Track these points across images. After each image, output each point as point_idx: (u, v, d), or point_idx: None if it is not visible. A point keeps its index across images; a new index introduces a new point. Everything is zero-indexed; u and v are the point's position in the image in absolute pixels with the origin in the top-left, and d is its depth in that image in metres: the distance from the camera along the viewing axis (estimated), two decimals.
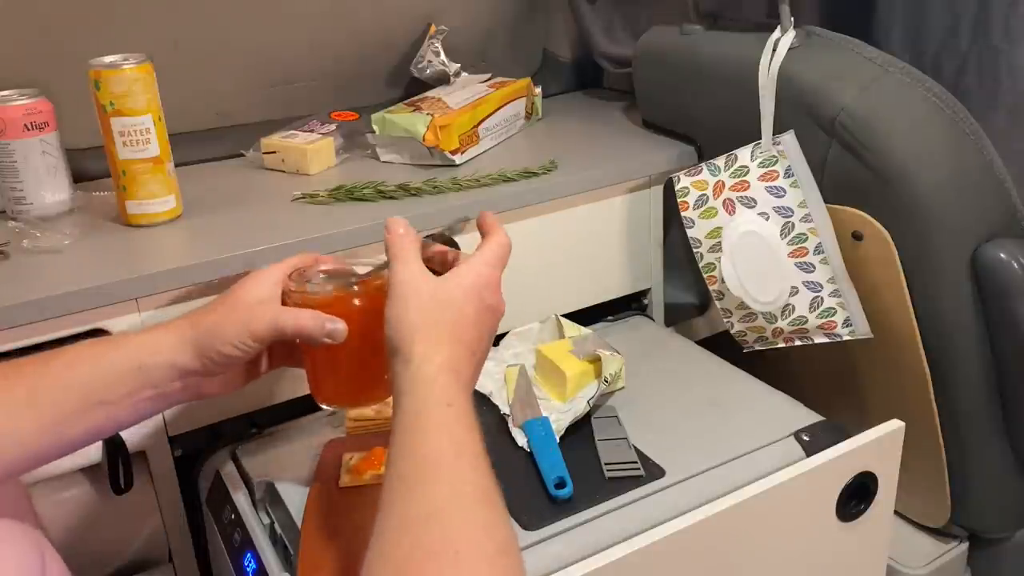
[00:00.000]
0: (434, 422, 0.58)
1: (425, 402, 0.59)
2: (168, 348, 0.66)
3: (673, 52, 1.08)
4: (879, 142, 0.87)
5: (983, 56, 1.04)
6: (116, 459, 0.84)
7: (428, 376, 0.60)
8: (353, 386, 0.74)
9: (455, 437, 0.57)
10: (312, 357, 0.72)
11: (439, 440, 0.57)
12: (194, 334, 0.66)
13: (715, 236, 0.98)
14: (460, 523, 0.53)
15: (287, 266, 0.72)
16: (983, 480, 0.97)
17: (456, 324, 0.63)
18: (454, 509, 0.54)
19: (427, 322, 0.62)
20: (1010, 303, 0.88)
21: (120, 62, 0.87)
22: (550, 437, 0.83)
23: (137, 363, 0.65)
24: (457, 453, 0.57)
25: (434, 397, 0.59)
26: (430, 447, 0.56)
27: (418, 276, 0.65)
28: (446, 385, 0.60)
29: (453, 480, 0.55)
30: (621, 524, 0.74)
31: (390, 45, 1.20)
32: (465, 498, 0.55)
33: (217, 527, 0.85)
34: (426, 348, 0.61)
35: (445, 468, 0.55)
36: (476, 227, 0.71)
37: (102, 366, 0.64)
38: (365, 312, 0.68)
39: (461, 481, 0.55)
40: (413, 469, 0.56)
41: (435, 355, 0.61)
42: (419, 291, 0.64)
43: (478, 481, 0.56)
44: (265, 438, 0.91)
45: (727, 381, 0.95)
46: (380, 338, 0.64)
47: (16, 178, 0.91)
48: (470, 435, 0.58)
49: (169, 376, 0.66)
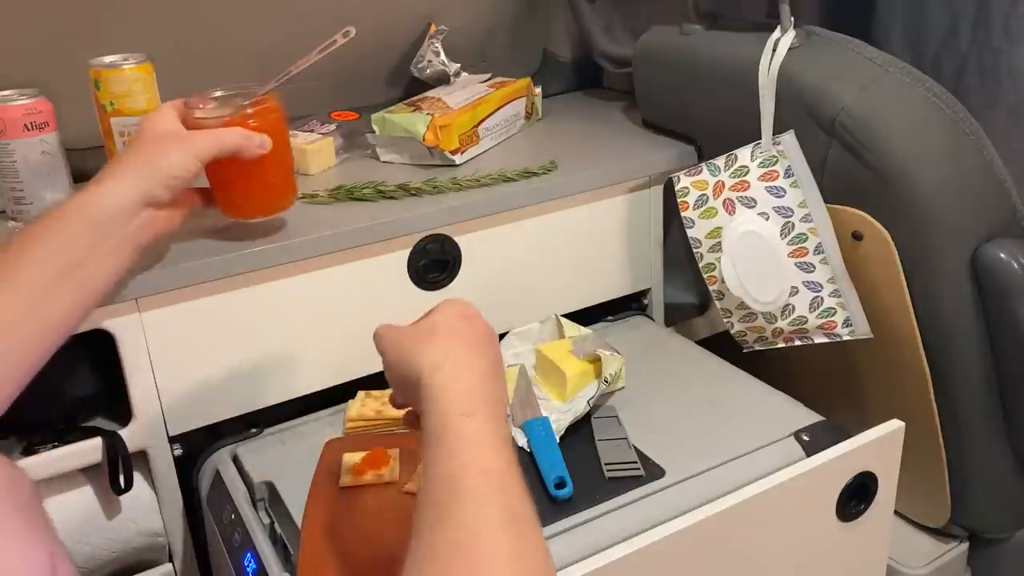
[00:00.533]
0: (455, 436, 0.55)
1: (442, 415, 0.56)
2: (114, 190, 0.71)
3: (673, 52, 1.08)
4: (879, 142, 0.87)
5: (983, 56, 1.04)
6: (116, 459, 0.84)
7: (439, 385, 0.58)
8: (263, 195, 0.86)
9: (478, 452, 0.55)
10: (225, 177, 0.83)
11: (461, 457, 0.54)
12: (137, 174, 0.72)
13: (715, 236, 0.98)
14: (489, 551, 0.50)
15: (172, 106, 0.80)
16: (983, 480, 0.97)
17: (451, 335, 0.62)
18: (482, 536, 0.51)
19: (422, 342, 0.61)
20: (1010, 303, 0.88)
21: (120, 62, 0.87)
22: (550, 437, 0.83)
23: (90, 217, 0.69)
24: (483, 470, 0.54)
25: (451, 408, 0.57)
26: (453, 465, 0.54)
27: (396, 329, 0.66)
28: (461, 393, 0.58)
29: (479, 503, 0.52)
30: (621, 524, 0.74)
31: (390, 45, 1.20)
32: (493, 522, 0.51)
33: (217, 527, 0.85)
34: (432, 359, 0.59)
35: (470, 490, 0.52)
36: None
37: (61, 232, 0.68)
38: (263, 127, 0.81)
39: (488, 504, 0.52)
40: (439, 491, 0.53)
41: (444, 363, 0.59)
42: (402, 330, 0.65)
43: (506, 501, 0.53)
44: (265, 438, 0.91)
45: (727, 381, 0.95)
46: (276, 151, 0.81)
47: (16, 178, 0.91)
48: (493, 448, 0.55)
49: (123, 219, 0.71)
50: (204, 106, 0.82)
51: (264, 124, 0.82)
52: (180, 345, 0.86)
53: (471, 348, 0.62)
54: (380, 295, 0.95)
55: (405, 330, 0.64)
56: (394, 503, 0.76)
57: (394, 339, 0.64)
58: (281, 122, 0.85)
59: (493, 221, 0.99)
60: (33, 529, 0.62)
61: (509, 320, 1.02)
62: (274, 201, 0.88)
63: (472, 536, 0.51)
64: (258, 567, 0.76)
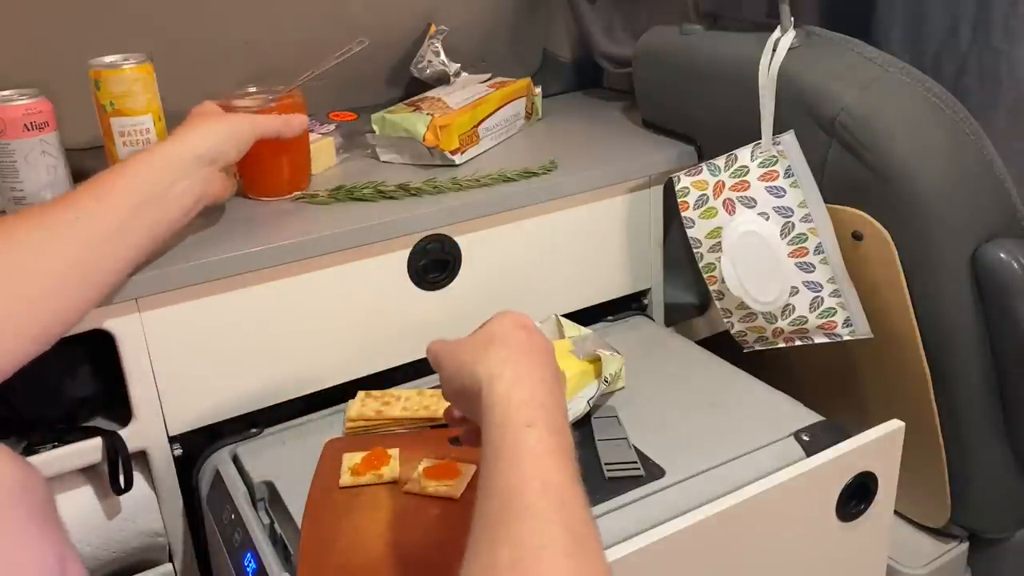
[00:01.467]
0: (515, 447, 0.53)
1: (502, 426, 0.54)
2: (189, 144, 0.82)
3: (673, 52, 1.08)
4: (879, 142, 0.87)
5: (983, 56, 1.04)
6: (116, 459, 0.84)
7: (501, 395, 0.56)
8: (284, 177, 0.98)
9: (539, 466, 0.52)
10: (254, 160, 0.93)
11: (522, 470, 0.52)
12: (209, 131, 0.84)
13: (715, 236, 0.98)
14: (549, 573, 0.48)
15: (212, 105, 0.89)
16: (983, 480, 0.97)
17: (509, 345, 0.60)
18: (543, 557, 0.48)
19: (479, 352, 0.60)
20: (1010, 303, 0.88)
21: (120, 62, 0.87)
22: None
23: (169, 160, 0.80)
24: (544, 484, 0.51)
25: (511, 418, 0.54)
26: (513, 478, 0.52)
27: (452, 343, 0.64)
28: (522, 403, 0.55)
29: (540, 520, 0.49)
30: (621, 524, 0.74)
31: (390, 45, 1.20)
32: (554, 542, 0.49)
33: (217, 527, 0.85)
34: (492, 368, 0.58)
35: (529, 508, 0.50)
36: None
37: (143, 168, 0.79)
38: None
39: (549, 521, 0.50)
40: (498, 506, 0.51)
41: (504, 372, 0.57)
42: (458, 342, 0.63)
43: (568, 520, 0.50)
44: (265, 438, 0.91)
45: (727, 381, 0.95)
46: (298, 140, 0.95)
47: (16, 178, 0.90)
48: (555, 460, 0.53)
49: (195, 166, 0.81)
50: (237, 102, 0.94)
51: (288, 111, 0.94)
52: (180, 345, 0.86)
53: (530, 358, 0.60)
54: (380, 295, 0.95)
55: (461, 342, 0.63)
56: (394, 503, 0.76)
57: (450, 352, 0.63)
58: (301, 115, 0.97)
59: (493, 221, 0.99)
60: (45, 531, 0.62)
61: None
62: (292, 183, 0.99)
63: (532, 556, 0.48)
64: (258, 567, 0.76)
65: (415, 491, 0.77)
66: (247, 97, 0.96)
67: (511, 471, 0.52)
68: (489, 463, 0.53)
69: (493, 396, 0.56)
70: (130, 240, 0.77)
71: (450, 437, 0.84)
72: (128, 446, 0.85)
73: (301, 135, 0.96)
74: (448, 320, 0.99)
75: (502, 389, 0.56)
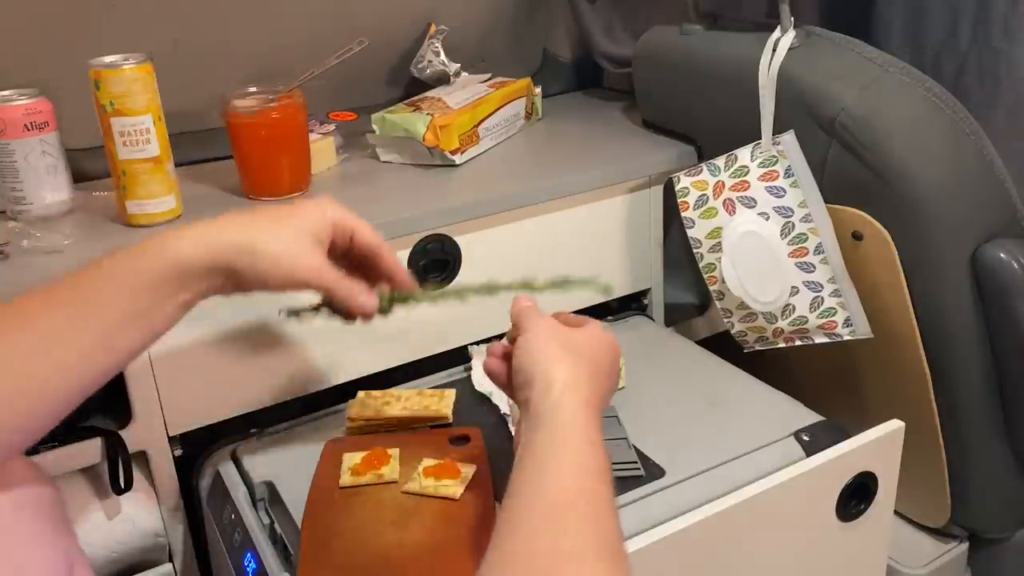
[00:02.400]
0: (572, 460, 0.55)
1: (565, 437, 0.56)
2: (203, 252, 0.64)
3: (673, 52, 1.08)
4: (879, 142, 0.87)
5: (983, 56, 1.04)
6: (116, 459, 0.84)
7: (572, 407, 0.58)
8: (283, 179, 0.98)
9: (589, 481, 0.55)
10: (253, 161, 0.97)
11: (574, 480, 0.54)
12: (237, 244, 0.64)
13: (715, 236, 0.98)
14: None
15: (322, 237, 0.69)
16: (983, 480, 0.97)
17: (593, 366, 0.62)
18: (580, 565, 0.51)
19: (568, 355, 0.62)
20: (1010, 303, 0.88)
21: (120, 62, 0.87)
22: None
23: (176, 270, 0.64)
24: (589, 498, 0.54)
25: (576, 434, 0.57)
26: (563, 485, 0.54)
27: (554, 323, 0.66)
28: (588, 424, 0.58)
29: (582, 532, 0.52)
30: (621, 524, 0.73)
31: (390, 45, 1.20)
32: (591, 550, 0.52)
33: (217, 527, 0.85)
34: (568, 377, 0.60)
35: (574, 518, 0.53)
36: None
37: (143, 275, 0.63)
38: (285, 119, 0.96)
39: (591, 533, 0.52)
40: (543, 507, 0.53)
41: (579, 387, 0.59)
42: (557, 330, 0.65)
43: (606, 533, 0.53)
44: (265, 438, 0.91)
45: (727, 381, 0.95)
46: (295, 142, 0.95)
47: (16, 178, 0.91)
48: (603, 482, 0.56)
49: (203, 281, 0.65)
50: (239, 100, 0.95)
51: (286, 116, 0.96)
52: (180, 345, 0.86)
53: (604, 386, 0.64)
54: None
55: (560, 332, 0.65)
56: (394, 503, 0.76)
57: (546, 332, 0.64)
58: (301, 116, 0.98)
59: (493, 221, 0.99)
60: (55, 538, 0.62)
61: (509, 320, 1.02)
62: (292, 183, 0.99)
63: (571, 563, 0.51)
64: (258, 567, 0.76)
65: (415, 491, 0.77)
66: (247, 97, 0.96)
67: (561, 479, 0.54)
68: (540, 464, 0.55)
69: (562, 406, 0.58)
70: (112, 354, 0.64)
71: (451, 437, 0.84)
72: (128, 446, 0.85)
73: (292, 141, 0.97)
74: (448, 320, 0.99)
75: (573, 404, 0.59)
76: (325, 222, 0.68)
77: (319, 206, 0.69)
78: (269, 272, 0.65)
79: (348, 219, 0.70)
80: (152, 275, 0.63)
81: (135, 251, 0.64)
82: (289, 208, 0.68)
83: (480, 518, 0.73)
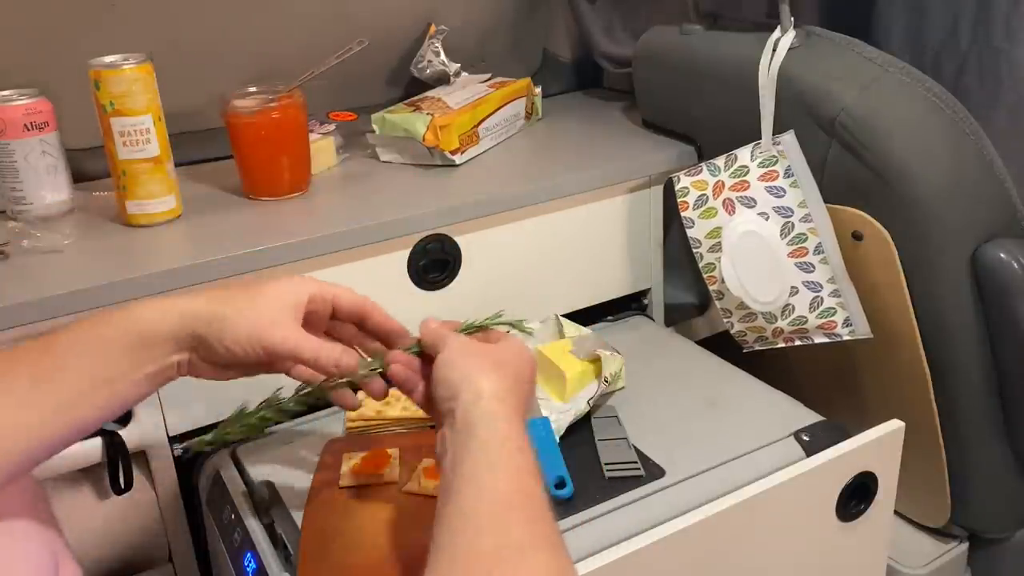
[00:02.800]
0: (509, 464, 0.57)
1: (502, 441, 0.58)
2: (171, 323, 0.63)
3: (673, 52, 1.08)
4: (879, 142, 0.87)
5: (983, 56, 1.04)
6: (116, 459, 0.84)
7: (503, 415, 0.60)
8: (282, 179, 0.98)
9: (529, 482, 0.57)
10: (253, 162, 0.97)
11: (510, 483, 0.56)
12: (208, 312, 0.63)
13: (715, 236, 0.98)
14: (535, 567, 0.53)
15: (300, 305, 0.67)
16: (983, 480, 0.97)
17: (516, 376, 0.64)
18: (527, 553, 0.53)
19: (492, 367, 0.63)
20: (1010, 303, 0.88)
21: (120, 62, 0.87)
22: (550, 437, 0.83)
23: (138, 338, 0.62)
24: (530, 496, 0.56)
25: (510, 439, 0.58)
26: (509, 486, 0.56)
27: (471, 340, 0.67)
28: (519, 433, 0.60)
29: (526, 528, 0.55)
30: (621, 524, 0.74)
31: (390, 45, 1.20)
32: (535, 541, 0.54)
33: (217, 527, 0.85)
34: (495, 387, 0.61)
35: (517, 516, 0.55)
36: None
37: (104, 345, 0.63)
38: (285, 119, 0.96)
39: (530, 523, 0.55)
40: (486, 507, 0.55)
41: (506, 397, 0.61)
42: (476, 346, 0.65)
43: (545, 530, 0.55)
44: (265, 438, 0.90)
45: (727, 381, 0.95)
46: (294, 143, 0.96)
47: (16, 178, 0.91)
48: (536, 480, 0.58)
49: (169, 350, 0.63)
50: (239, 100, 0.95)
51: (286, 116, 0.96)
52: None
53: (527, 389, 0.65)
54: (380, 295, 0.94)
55: (478, 346, 0.66)
56: (394, 503, 0.76)
57: (466, 347, 0.65)
58: (301, 116, 0.98)
59: (493, 221, 0.99)
60: (37, 529, 0.62)
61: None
62: (292, 183, 0.99)
63: (515, 550, 0.53)
64: (258, 567, 0.76)
65: (415, 491, 0.77)
66: (247, 97, 0.96)
67: (498, 481, 0.56)
68: (480, 465, 0.57)
69: (494, 415, 0.60)
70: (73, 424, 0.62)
71: None
72: (128, 446, 0.85)
73: (292, 142, 0.97)
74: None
75: (504, 412, 0.60)
76: (301, 294, 0.66)
77: (296, 279, 0.68)
78: (238, 338, 0.62)
79: (327, 289, 0.69)
80: (117, 343, 0.62)
81: (103, 318, 0.64)
82: (264, 281, 0.67)
83: None
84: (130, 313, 0.63)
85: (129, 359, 0.63)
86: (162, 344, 0.63)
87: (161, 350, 0.63)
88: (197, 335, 0.63)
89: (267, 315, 0.64)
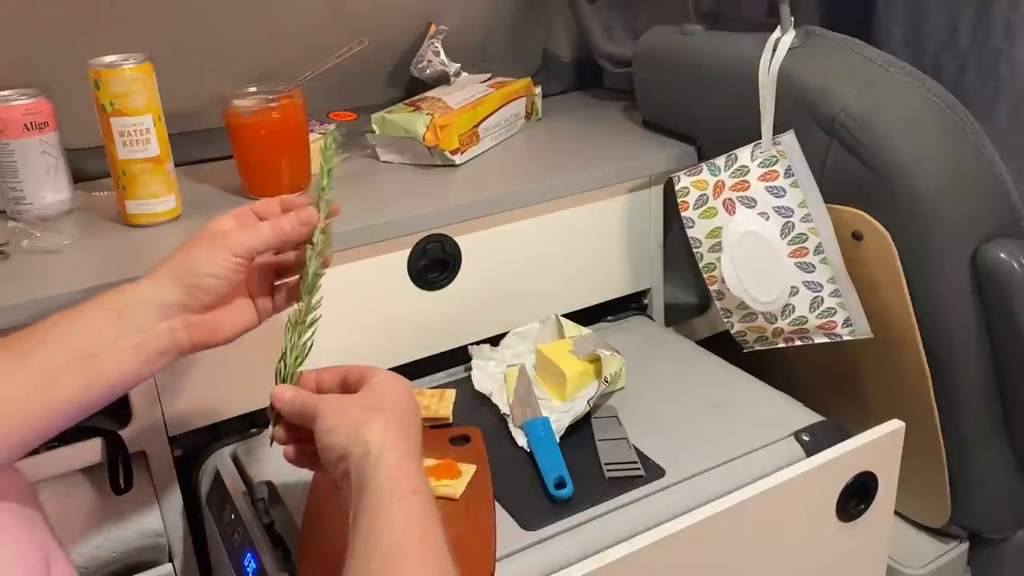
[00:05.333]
0: (400, 510, 0.58)
1: (391, 490, 0.58)
2: (146, 287, 0.67)
3: (673, 52, 1.08)
4: (879, 142, 0.87)
5: (983, 56, 1.04)
6: (116, 459, 0.84)
7: (392, 463, 0.60)
8: (282, 178, 0.98)
9: (419, 527, 0.58)
10: (252, 161, 0.97)
11: (405, 529, 0.57)
12: (170, 267, 0.68)
13: (715, 236, 0.98)
14: None
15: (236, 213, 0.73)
16: (983, 480, 0.97)
17: (398, 414, 0.63)
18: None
19: (372, 414, 0.62)
20: (1010, 303, 0.88)
21: (120, 62, 0.87)
22: (550, 437, 0.83)
23: (116, 308, 0.65)
24: (421, 542, 0.57)
25: (400, 485, 0.59)
26: (396, 536, 0.57)
27: (339, 396, 0.66)
28: (410, 474, 0.60)
29: (420, 570, 0.56)
30: (621, 524, 0.74)
31: (390, 45, 1.20)
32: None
33: (217, 527, 0.85)
34: (381, 435, 0.61)
35: (412, 558, 0.56)
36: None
37: (84, 318, 0.65)
38: (285, 119, 0.96)
39: (428, 570, 0.56)
40: (380, 559, 0.56)
41: (395, 442, 0.61)
42: (347, 401, 0.65)
43: (443, 570, 0.57)
44: (265, 438, 0.90)
45: (727, 381, 0.95)
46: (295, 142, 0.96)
47: (16, 178, 0.91)
48: (433, 525, 0.59)
49: (152, 316, 0.66)
50: (239, 100, 0.94)
51: (286, 116, 0.96)
52: None
53: (413, 429, 0.64)
54: (380, 295, 0.95)
55: (350, 400, 0.65)
56: None
57: (339, 405, 0.64)
58: (301, 116, 0.98)
59: (493, 221, 0.99)
60: (27, 528, 0.62)
61: (509, 320, 1.02)
62: (292, 183, 0.98)
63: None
64: (258, 567, 0.76)
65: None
66: (247, 97, 0.96)
67: (393, 529, 0.57)
68: (373, 517, 0.58)
69: (383, 463, 0.60)
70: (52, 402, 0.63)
71: (451, 437, 0.84)
72: (128, 446, 0.85)
73: (293, 141, 0.97)
74: (448, 320, 0.99)
75: (393, 459, 0.60)
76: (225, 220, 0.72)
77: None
78: (212, 260, 0.67)
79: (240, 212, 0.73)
80: (98, 313, 0.65)
81: (79, 304, 0.66)
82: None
83: (480, 518, 0.73)
84: (103, 295, 0.66)
85: (112, 329, 0.65)
86: (143, 308, 0.65)
87: (143, 316, 0.65)
88: (181, 284, 0.66)
89: (214, 238, 0.69)
